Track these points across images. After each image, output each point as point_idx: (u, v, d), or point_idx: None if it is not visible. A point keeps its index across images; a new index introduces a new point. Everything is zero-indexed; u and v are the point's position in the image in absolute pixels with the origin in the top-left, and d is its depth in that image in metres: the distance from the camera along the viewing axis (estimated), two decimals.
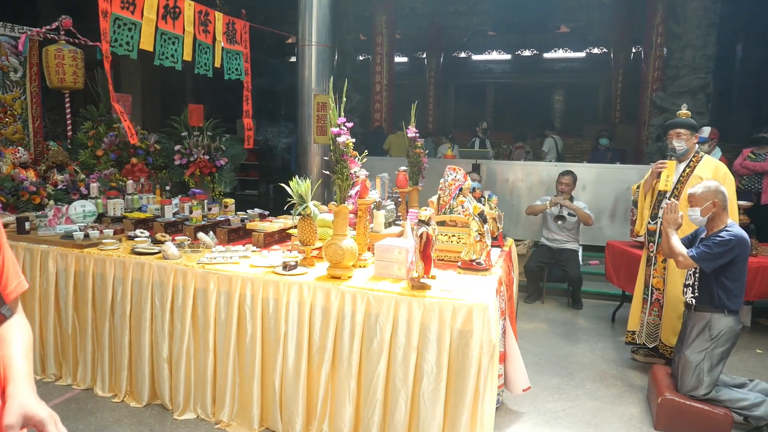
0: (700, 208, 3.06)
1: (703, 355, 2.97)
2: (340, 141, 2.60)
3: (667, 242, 3.14)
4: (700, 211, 3.06)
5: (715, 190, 3.03)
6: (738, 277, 2.99)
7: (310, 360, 2.72)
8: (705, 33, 6.67)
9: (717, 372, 2.97)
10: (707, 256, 2.94)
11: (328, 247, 2.71)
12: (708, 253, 2.94)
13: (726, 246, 2.92)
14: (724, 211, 3.04)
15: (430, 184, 4.29)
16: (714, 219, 3.05)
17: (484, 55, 14.25)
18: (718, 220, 3.04)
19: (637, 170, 6.54)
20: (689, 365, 3.00)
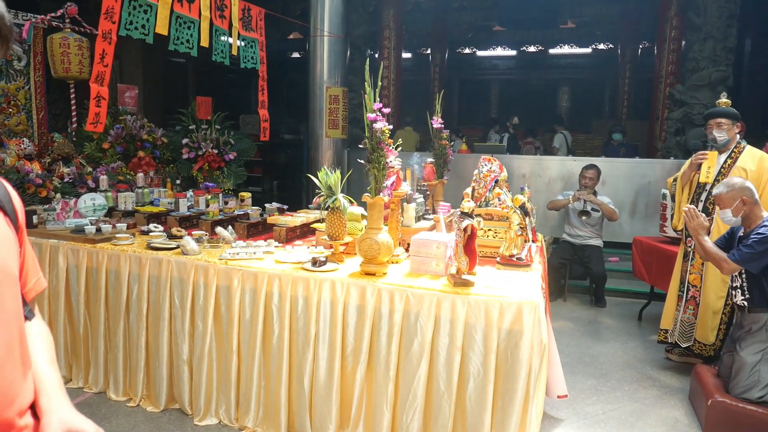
0: (730, 209, 2.92)
1: (760, 356, 2.82)
2: (377, 128, 2.43)
3: (703, 249, 3.00)
4: (732, 212, 2.92)
5: (741, 187, 2.89)
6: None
7: (343, 362, 2.55)
8: (726, 24, 6.53)
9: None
10: (751, 256, 2.79)
11: (363, 242, 2.53)
12: (751, 254, 2.78)
13: (764, 243, 2.76)
14: (757, 206, 2.89)
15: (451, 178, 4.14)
16: (749, 216, 2.91)
17: (489, 51, 14.09)
18: (753, 216, 2.89)
19: (657, 165, 6.40)
20: (745, 366, 2.84)
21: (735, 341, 3.00)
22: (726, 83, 6.54)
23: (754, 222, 2.88)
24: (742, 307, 2.97)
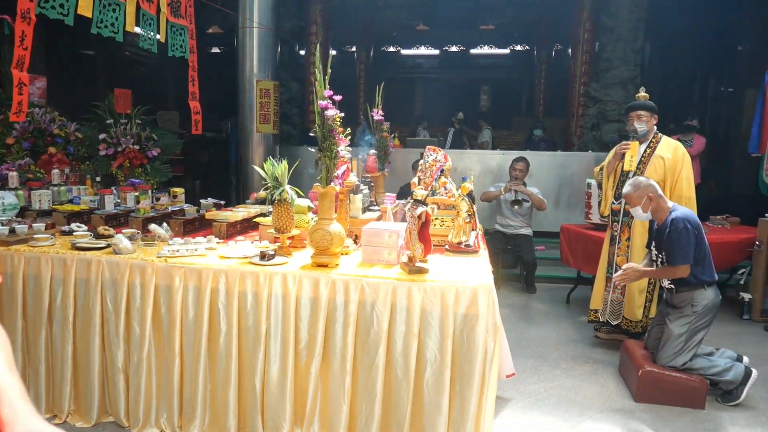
0: (640, 206, 3.17)
1: (687, 328, 3.06)
2: (329, 115, 2.38)
3: (656, 276, 3.32)
4: (641, 209, 3.17)
5: (646, 185, 3.16)
6: (704, 253, 3.11)
7: (297, 357, 2.48)
8: (635, 27, 7.06)
9: (698, 343, 3.08)
10: (683, 254, 3.03)
11: (315, 233, 2.47)
12: (683, 250, 3.03)
13: (687, 236, 3.03)
14: (662, 199, 3.17)
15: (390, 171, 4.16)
16: (657, 210, 3.17)
17: (413, 50, 14.30)
18: (660, 208, 3.16)
19: (577, 158, 6.80)
20: (673, 337, 3.08)
21: (664, 316, 3.24)
22: (635, 81, 7.07)
23: (663, 213, 3.14)
24: (670, 289, 3.22)
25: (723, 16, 8.86)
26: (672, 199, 3.56)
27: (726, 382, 3.08)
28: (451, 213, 3.04)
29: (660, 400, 3.08)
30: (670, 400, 3.07)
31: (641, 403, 3.09)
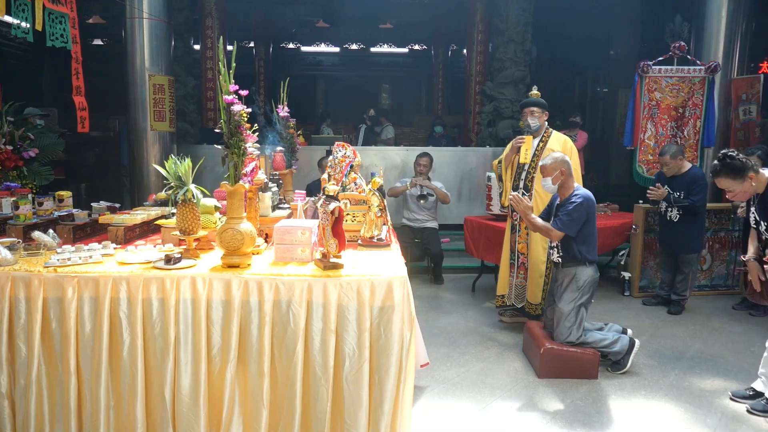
0: (551, 177, 3.42)
1: (573, 304, 3.34)
2: (235, 111, 2.30)
3: (533, 225, 3.47)
4: (552, 180, 3.42)
5: (562, 160, 3.42)
6: (592, 232, 3.42)
7: (210, 363, 2.37)
8: (523, 30, 7.54)
9: (584, 317, 3.37)
10: (569, 223, 3.30)
11: (224, 233, 2.38)
12: (570, 220, 3.30)
13: (580, 209, 3.31)
14: (571, 178, 3.45)
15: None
16: (563, 185, 3.44)
17: (313, 47, 14.20)
18: (567, 186, 3.43)
19: (476, 153, 7.15)
20: (563, 315, 3.35)
21: (553, 296, 3.51)
22: (525, 81, 7.56)
23: (567, 191, 3.41)
24: (557, 263, 3.49)
25: (598, 24, 9.77)
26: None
27: (614, 353, 3.41)
28: (363, 208, 3.07)
29: (560, 374, 3.34)
30: (569, 373, 3.34)
31: (544, 379, 3.34)
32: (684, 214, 4.53)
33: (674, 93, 5.61)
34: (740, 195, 2.89)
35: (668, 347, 3.91)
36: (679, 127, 5.61)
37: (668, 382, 3.36)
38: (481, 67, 8.69)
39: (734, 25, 5.93)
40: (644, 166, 5.62)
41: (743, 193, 2.86)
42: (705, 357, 3.76)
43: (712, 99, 5.56)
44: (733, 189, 2.87)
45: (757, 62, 9.27)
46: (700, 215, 4.61)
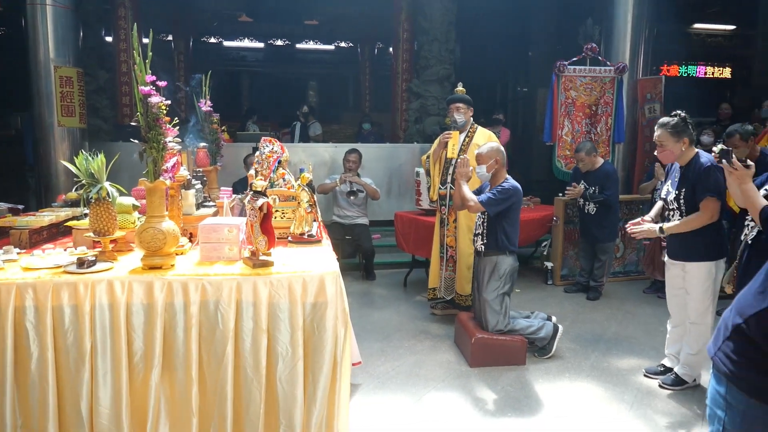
0: (486, 165, 3.52)
1: (496, 294, 3.46)
2: (153, 102, 2.17)
3: (460, 191, 3.54)
4: (486, 168, 3.52)
5: (498, 150, 3.54)
6: (514, 222, 3.55)
7: (132, 371, 2.22)
8: (447, 30, 7.70)
9: (508, 305, 3.49)
10: (492, 201, 3.42)
11: (144, 232, 2.24)
12: (493, 199, 3.42)
13: (506, 194, 3.43)
14: (503, 168, 3.57)
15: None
16: (496, 174, 3.56)
17: (236, 42, 13.76)
18: (499, 175, 3.56)
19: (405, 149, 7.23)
20: (488, 304, 3.46)
21: (478, 288, 3.61)
22: (450, 80, 7.73)
23: (499, 180, 3.53)
24: (479, 252, 3.59)
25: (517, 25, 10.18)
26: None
27: (540, 339, 3.56)
28: (292, 204, 3.00)
29: (490, 362, 3.44)
30: (499, 360, 3.45)
31: (475, 368, 3.42)
32: (600, 207, 4.82)
33: (588, 92, 5.95)
34: (667, 154, 3.06)
35: (588, 331, 4.14)
36: (593, 124, 5.96)
37: (589, 363, 3.56)
38: (407, 65, 8.79)
39: (639, 29, 6.37)
40: (563, 161, 5.92)
41: (670, 152, 3.04)
42: (621, 338, 4.02)
43: (621, 98, 5.95)
44: (666, 145, 3.03)
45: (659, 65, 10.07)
46: (615, 207, 4.92)
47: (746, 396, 1.29)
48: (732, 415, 1.32)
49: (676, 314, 3.28)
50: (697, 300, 3.07)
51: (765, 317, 1.25)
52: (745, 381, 1.29)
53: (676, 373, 3.24)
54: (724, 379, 1.35)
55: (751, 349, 1.29)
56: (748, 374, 1.29)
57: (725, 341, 1.36)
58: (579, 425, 2.82)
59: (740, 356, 1.31)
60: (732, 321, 1.35)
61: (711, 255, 3.03)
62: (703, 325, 3.09)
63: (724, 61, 11.85)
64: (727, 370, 1.33)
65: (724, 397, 1.34)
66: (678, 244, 3.12)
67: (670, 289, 3.29)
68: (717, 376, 1.38)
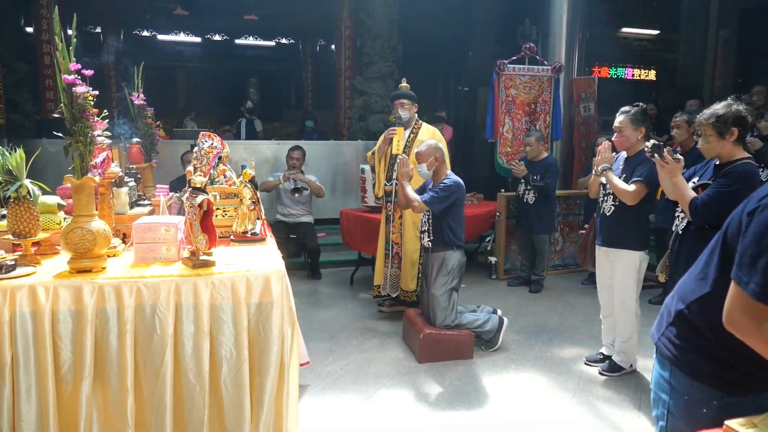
0: (426, 163, 3.53)
1: (444, 289, 3.48)
2: (78, 92, 2.01)
3: (403, 192, 3.53)
4: (427, 166, 3.53)
5: (436, 147, 3.55)
6: (459, 217, 3.58)
7: (59, 384, 2.05)
8: (389, 27, 7.69)
9: (456, 300, 3.52)
10: (435, 199, 3.43)
11: (71, 233, 2.08)
12: (436, 197, 3.43)
13: (448, 191, 3.46)
14: (444, 164, 3.60)
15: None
16: (437, 171, 3.57)
17: (171, 36, 13.19)
18: (440, 171, 3.58)
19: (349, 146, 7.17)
20: (437, 300, 3.47)
21: (427, 283, 3.63)
22: (393, 77, 7.73)
23: (440, 177, 3.54)
24: (427, 248, 3.61)
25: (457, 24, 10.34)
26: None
27: (487, 332, 3.61)
28: (234, 202, 2.89)
29: (439, 358, 3.45)
30: (447, 355, 3.47)
31: (424, 363, 3.43)
32: (538, 197, 4.96)
33: (527, 90, 6.10)
34: (623, 140, 3.17)
35: (531, 323, 4.25)
36: (532, 121, 6.12)
37: (533, 354, 3.64)
38: (350, 62, 8.73)
39: (573, 31, 6.62)
40: (504, 158, 6.05)
41: (626, 139, 3.15)
42: (562, 329, 4.14)
43: (558, 96, 6.15)
44: (624, 131, 3.15)
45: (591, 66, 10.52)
46: (552, 199, 5.08)
47: (689, 379, 1.33)
48: (676, 398, 1.37)
49: (606, 305, 3.43)
50: (623, 289, 3.21)
51: (706, 302, 1.30)
52: (688, 365, 1.33)
53: (613, 361, 3.37)
54: (667, 363, 1.39)
55: (693, 333, 1.33)
56: (691, 358, 1.33)
57: (668, 327, 1.40)
58: (526, 415, 2.87)
59: (683, 341, 1.35)
60: (674, 307, 1.39)
61: (638, 245, 3.18)
62: (631, 314, 3.24)
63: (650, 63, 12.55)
64: (671, 354, 1.37)
65: (668, 381, 1.38)
66: (609, 230, 3.25)
67: (600, 279, 3.44)
68: (661, 361, 1.42)
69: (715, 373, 1.30)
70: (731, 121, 2.51)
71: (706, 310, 1.30)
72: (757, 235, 1.12)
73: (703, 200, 2.53)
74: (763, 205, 1.13)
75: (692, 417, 1.33)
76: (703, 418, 1.29)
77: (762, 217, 1.12)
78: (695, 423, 1.28)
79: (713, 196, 2.52)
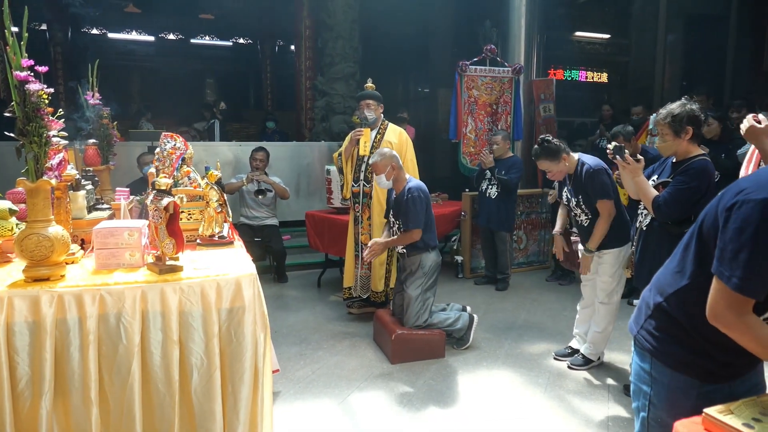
0: (384, 174, 3.52)
1: (420, 289, 3.47)
2: (32, 90, 1.89)
3: (395, 243, 3.54)
4: (385, 176, 3.52)
5: (390, 155, 3.54)
6: (431, 219, 3.59)
7: (16, 400, 1.92)
8: (350, 27, 7.64)
9: (431, 299, 3.52)
10: (416, 218, 3.44)
11: (26, 239, 1.95)
12: (417, 216, 3.44)
13: (419, 202, 3.46)
14: (402, 170, 3.60)
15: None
16: (396, 179, 3.57)
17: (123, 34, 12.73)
18: (400, 179, 3.58)
19: (313, 147, 7.08)
20: (412, 300, 3.46)
21: (402, 283, 3.61)
22: (355, 77, 7.69)
23: (401, 183, 3.54)
24: (402, 254, 3.60)
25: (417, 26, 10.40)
26: None
27: (458, 330, 3.62)
28: (200, 204, 2.79)
29: (411, 358, 3.44)
30: (419, 355, 3.46)
31: (397, 364, 3.41)
32: (501, 192, 5.02)
33: (488, 91, 6.19)
34: (557, 174, 3.25)
35: (500, 320, 4.30)
36: (494, 122, 6.21)
37: (504, 351, 3.68)
38: (310, 63, 8.64)
39: (531, 33, 6.75)
40: (467, 158, 6.11)
41: (559, 172, 3.24)
42: (530, 325, 4.21)
43: (519, 97, 6.26)
44: (551, 169, 3.23)
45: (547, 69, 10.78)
46: (513, 195, 5.15)
47: (670, 370, 1.36)
48: (657, 388, 1.39)
49: (588, 296, 3.47)
50: (607, 281, 3.27)
51: (684, 294, 1.33)
52: (669, 355, 1.36)
53: (582, 354, 3.44)
54: (647, 355, 1.41)
55: (672, 325, 1.36)
56: (671, 349, 1.36)
57: (647, 319, 1.43)
58: (500, 412, 2.89)
59: (663, 332, 1.38)
60: (653, 300, 1.42)
61: (620, 241, 3.24)
62: (611, 305, 3.31)
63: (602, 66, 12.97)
64: (651, 346, 1.40)
65: (649, 373, 1.41)
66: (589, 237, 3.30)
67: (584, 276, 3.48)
68: (641, 354, 1.45)
69: (695, 362, 1.34)
70: (686, 120, 2.60)
71: (684, 302, 1.33)
72: (737, 231, 1.15)
73: (665, 198, 2.61)
74: (740, 201, 1.17)
75: (673, 406, 1.35)
76: (683, 407, 1.32)
77: (741, 212, 1.15)
78: (676, 412, 1.31)
79: (674, 194, 2.60)
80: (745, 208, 1.14)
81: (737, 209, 1.16)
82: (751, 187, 1.17)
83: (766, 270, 1.13)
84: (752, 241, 1.12)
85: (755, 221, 1.13)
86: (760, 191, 1.14)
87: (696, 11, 9.50)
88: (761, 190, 1.14)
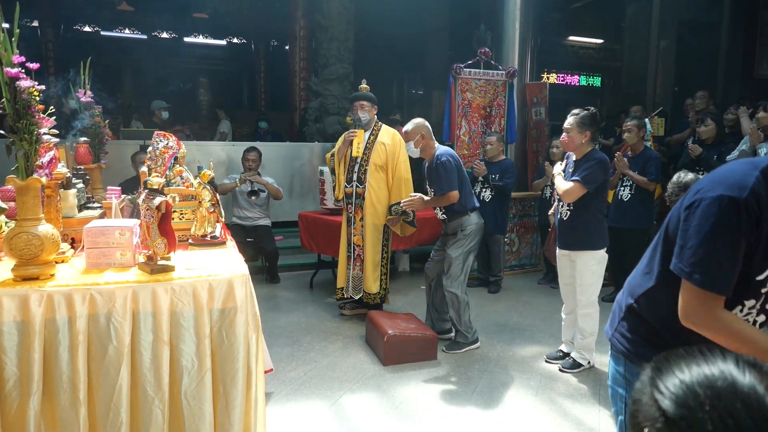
0: (413, 141, 3.60)
1: (461, 251, 3.57)
2: (23, 87, 1.87)
3: (433, 203, 3.61)
4: (414, 143, 3.61)
5: (421, 124, 3.64)
6: (465, 181, 3.66)
7: (3, 401, 1.90)
8: (345, 28, 7.63)
9: (470, 264, 3.63)
10: (449, 181, 3.51)
11: (16, 238, 1.93)
12: (448, 178, 3.50)
13: (449, 166, 3.54)
14: (432, 140, 3.68)
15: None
16: (425, 148, 3.65)
17: (115, 32, 12.63)
18: (429, 147, 3.66)
19: (306, 148, 7.07)
20: (453, 260, 3.56)
21: (444, 245, 3.70)
22: (349, 79, 7.68)
23: (430, 151, 3.65)
24: (443, 220, 3.68)
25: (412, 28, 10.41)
26: (392, 180, 4.04)
27: (463, 323, 3.63)
28: (192, 204, 2.78)
29: (404, 359, 3.44)
30: (412, 357, 3.45)
31: (389, 366, 3.40)
32: (495, 195, 5.04)
33: (482, 94, 6.20)
34: (569, 142, 3.27)
35: (492, 322, 4.30)
36: (488, 124, 6.23)
37: (496, 353, 3.69)
38: (305, 63, 8.62)
39: (526, 37, 6.78)
40: (461, 160, 6.11)
41: (571, 140, 3.25)
42: (522, 328, 4.22)
43: (513, 101, 6.28)
44: (570, 132, 3.24)
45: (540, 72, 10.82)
46: (507, 199, 5.18)
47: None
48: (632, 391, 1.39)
49: (568, 302, 3.50)
50: (586, 287, 3.30)
51: (653, 295, 1.34)
52: (641, 357, 1.36)
53: (572, 358, 3.45)
54: (621, 357, 1.42)
55: (643, 326, 1.37)
56: (643, 350, 1.36)
57: (620, 322, 1.44)
58: (492, 414, 2.89)
59: (634, 334, 1.39)
60: (625, 302, 1.43)
61: (597, 245, 3.28)
62: (592, 310, 3.33)
63: (595, 71, 13.06)
64: (624, 348, 1.41)
65: (624, 376, 1.41)
66: (567, 233, 3.34)
67: (562, 279, 3.52)
68: (615, 357, 1.45)
69: None
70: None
71: (654, 302, 1.35)
72: (697, 227, 1.17)
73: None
74: (698, 199, 1.19)
75: None
76: None
77: (700, 209, 1.18)
78: None
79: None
80: (703, 205, 1.17)
81: (695, 207, 1.19)
82: (708, 185, 1.20)
83: (727, 264, 1.15)
84: (710, 236, 1.15)
85: (712, 217, 1.15)
86: (716, 188, 1.17)
87: (688, 17, 9.58)
88: (717, 187, 1.17)
